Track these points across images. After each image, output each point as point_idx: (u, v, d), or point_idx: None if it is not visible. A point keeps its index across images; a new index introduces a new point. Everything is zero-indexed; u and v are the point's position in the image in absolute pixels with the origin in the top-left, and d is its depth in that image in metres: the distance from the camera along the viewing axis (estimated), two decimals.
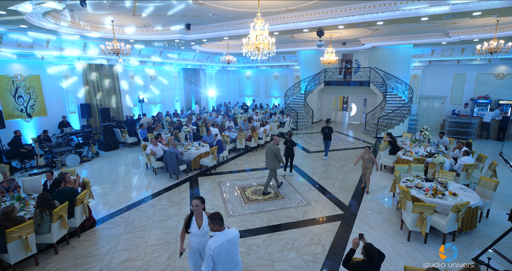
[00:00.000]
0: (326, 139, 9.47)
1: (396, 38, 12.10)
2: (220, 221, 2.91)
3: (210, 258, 2.83)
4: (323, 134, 9.50)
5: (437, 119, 15.47)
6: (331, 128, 9.40)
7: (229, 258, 2.94)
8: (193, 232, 3.27)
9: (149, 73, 15.78)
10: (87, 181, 5.79)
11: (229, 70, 21.64)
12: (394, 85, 14.35)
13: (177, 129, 11.02)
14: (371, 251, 2.97)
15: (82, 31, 8.55)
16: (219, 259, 2.86)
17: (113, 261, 4.37)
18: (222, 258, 2.88)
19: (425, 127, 8.68)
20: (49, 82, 11.16)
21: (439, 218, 4.70)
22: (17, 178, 7.53)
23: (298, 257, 4.42)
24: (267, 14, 7.75)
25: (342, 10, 7.21)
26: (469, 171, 6.38)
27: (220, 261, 2.87)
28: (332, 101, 17.96)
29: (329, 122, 10.03)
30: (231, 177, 8.04)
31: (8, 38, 8.58)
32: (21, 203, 5.00)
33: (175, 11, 7.37)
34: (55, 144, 9.30)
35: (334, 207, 6.14)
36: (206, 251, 2.85)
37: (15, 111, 10.21)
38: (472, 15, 6.59)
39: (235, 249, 3.01)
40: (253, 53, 5.32)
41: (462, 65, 14.28)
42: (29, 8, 5.82)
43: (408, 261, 4.28)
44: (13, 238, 3.87)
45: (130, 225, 5.43)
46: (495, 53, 7.97)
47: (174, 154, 7.56)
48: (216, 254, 2.83)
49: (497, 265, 4.03)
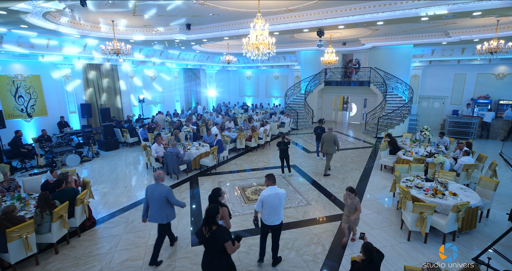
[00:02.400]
0: (319, 140, 9.45)
1: (396, 38, 12.10)
2: (273, 179, 4.01)
3: (260, 201, 3.95)
4: (316, 134, 9.48)
5: (437, 119, 15.47)
6: (323, 128, 9.37)
7: (273, 207, 3.93)
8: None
9: (149, 73, 15.80)
10: (88, 181, 5.80)
11: (229, 70, 21.65)
12: (394, 85, 14.35)
13: (177, 129, 11.03)
14: (370, 249, 2.98)
15: (82, 31, 8.56)
16: (266, 205, 3.91)
17: (113, 261, 4.38)
18: (268, 205, 3.90)
19: (425, 127, 8.68)
20: (50, 82, 11.17)
21: (439, 218, 4.70)
22: (17, 178, 7.54)
23: (298, 257, 4.43)
24: (267, 14, 7.75)
25: (342, 10, 7.21)
26: (469, 171, 6.38)
27: (267, 206, 3.91)
28: (332, 101, 17.97)
29: (322, 122, 10.00)
30: (231, 177, 8.05)
31: (8, 38, 8.58)
32: (21, 202, 5.01)
33: (176, 11, 7.38)
34: (55, 144, 9.31)
35: (334, 207, 6.14)
36: (259, 197, 3.94)
37: (15, 111, 10.22)
38: (472, 15, 6.60)
39: (279, 203, 3.94)
40: (253, 53, 5.33)
41: (462, 65, 14.28)
42: (29, 8, 5.82)
43: (408, 261, 4.28)
44: (14, 238, 3.87)
45: (130, 225, 5.43)
46: (495, 53, 7.97)
47: (174, 153, 7.56)
48: (265, 200, 3.89)
49: (497, 265, 4.03)
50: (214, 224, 3.00)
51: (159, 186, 4.21)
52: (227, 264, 3.07)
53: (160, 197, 4.13)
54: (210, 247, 3.01)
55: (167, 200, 4.20)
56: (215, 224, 3.00)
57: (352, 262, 3.18)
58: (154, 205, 4.16)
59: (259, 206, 3.98)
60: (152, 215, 4.21)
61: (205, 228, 2.98)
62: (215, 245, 2.95)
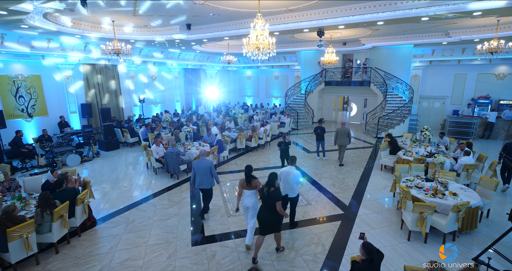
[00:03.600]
0: (319, 140, 9.45)
1: (397, 38, 12.10)
2: (295, 161, 5.07)
3: (279, 176, 4.86)
4: (316, 134, 9.47)
5: (438, 119, 15.46)
6: (323, 128, 9.38)
7: (285, 181, 4.90)
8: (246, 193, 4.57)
9: (149, 73, 15.81)
10: (88, 181, 5.81)
11: (229, 70, 21.65)
12: (395, 85, 14.34)
13: (177, 129, 11.03)
14: (370, 249, 2.98)
15: (82, 31, 8.57)
16: (281, 179, 4.93)
17: (113, 261, 4.38)
18: (282, 179, 4.95)
19: (426, 127, 8.67)
20: (50, 82, 11.19)
21: (439, 218, 4.70)
22: (18, 178, 7.56)
23: (298, 257, 4.43)
24: (268, 14, 7.76)
25: (343, 10, 7.21)
26: (470, 171, 6.38)
27: (282, 180, 4.94)
28: (333, 101, 17.96)
29: (321, 122, 10.01)
30: (232, 177, 8.05)
31: (9, 38, 8.59)
32: (22, 202, 5.02)
33: (176, 11, 7.38)
34: (56, 144, 9.32)
35: (334, 207, 6.14)
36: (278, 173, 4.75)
37: (16, 111, 10.24)
38: (473, 15, 6.59)
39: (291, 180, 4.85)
40: (254, 53, 5.33)
41: (462, 65, 14.27)
42: (30, 8, 5.83)
43: (408, 261, 4.28)
44: (14, 237, 3.88)
45: (130, 225, 5.44)
46: (496, 53, 7.96)
47: (174, 153, 7.56)
48: (279, 174, 4.89)
49: (497, 265, 4.03)
50: (273, 186, 4.16)
51: (204, 160, 5.47)
52: (277, 217, 4.21)
53: (205, 168, 5.38)
54: (266, 202, 4.15)
55: (210, 170, 5.39)
56: (274, 186, 4.17)
57: (352, 262, 3.18)
58: (201, 174, 5.39)
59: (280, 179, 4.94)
60: (200, 182, 5.41)
61: (266, 188, 4.17)
62: (270, 201, 4.09)
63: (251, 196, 4.53)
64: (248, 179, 4.45)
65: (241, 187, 4.55)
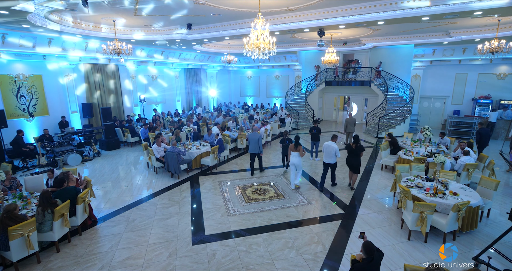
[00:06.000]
0: (314, 140, 9.43)
1: (397, 38, 12.09)
2: (336, 138, 6.92)
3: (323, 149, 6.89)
4: (311, 134, 9.46)
5: (438, 119, 15.44)
6: (319, 128, 9.39)
7: (327, 152, 6.78)
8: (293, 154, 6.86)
9: (150, 73, 15.83)
10: (89, 180, 5.82)
11: (230, 70, 21.66)
12: (395, 85, 14.33)
13: (178, 128, 11.04)
14: (370, 248, 2.99)
15: (83, 31, 8.60)
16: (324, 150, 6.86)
17: (114, 259, 4.40)
18: (324, 150, 6.84)
19: (426, 127, 8.67)
20: (51, 81, 11.21)
21: (439, 217, 4.70)
22: (19, 177, 7.59)
23: (298, 256, 4.43)
24: (268, 13, 7.77)
25: (343, 9, 7.21)
26: (470, 171, 6.38)
27: (324, 151, 6.86)
28: (333, 101, 17.95)
29: (317, 122, 10.01)
30: (232, 177, 8.06)
31: (10, 38, 8.63)
32: (23, 201, 5.04)
33: (177, 11, 7.40)
34: (57, 143, 9.35)
35: (334, 206, 6.15)
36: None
37: (17, 111, 10.27)
38: (473, 14, 6.59)
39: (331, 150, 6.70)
40: (254, 53, 5.34)
41: (463, 65, 14.25)
42: (31, 8, 5.85)
43: (408, 260, 4.28)
44: (15, 236, 3.90)
45: (131, 224, 5.45)
46: (497, 53, 7.96)
47: (174, 153, 7.57)
48: (323, 147, 6.87)
49: (497, 264, 4.03)
50: (358, 142, 6.69)
51: (255, 133, 7.90)
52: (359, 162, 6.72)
53: (256, 139, 7.79)
54: (352, 152, 6.68)
55: (258, 141, 7.76)
56: (359, 143, 6.69)
57: (352, 261, 3.19)
58: (253, 143, 7.83)
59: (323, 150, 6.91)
60: (252, 149, 7.88)
61: (354, 144, 6.69)
62: (356, 151, 6.63)
63: (296, 156, 6.76)
64: (296, 144, 6.77)
65: (290, 150, 6.93)
